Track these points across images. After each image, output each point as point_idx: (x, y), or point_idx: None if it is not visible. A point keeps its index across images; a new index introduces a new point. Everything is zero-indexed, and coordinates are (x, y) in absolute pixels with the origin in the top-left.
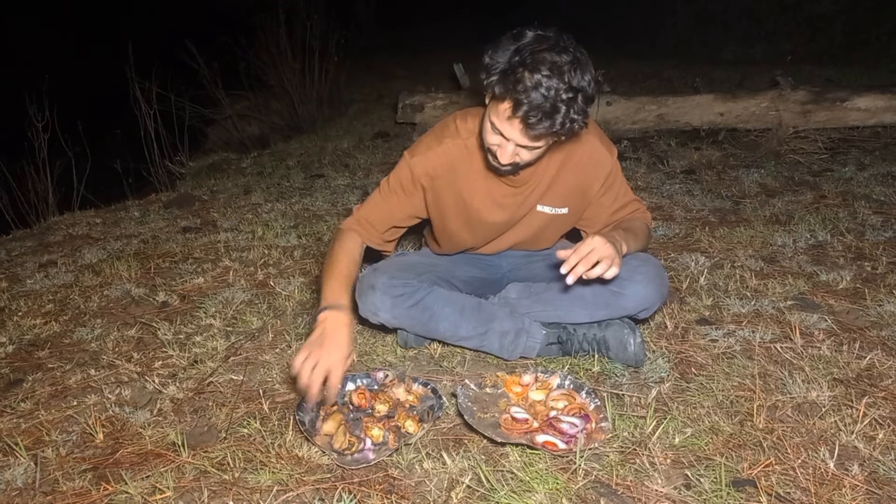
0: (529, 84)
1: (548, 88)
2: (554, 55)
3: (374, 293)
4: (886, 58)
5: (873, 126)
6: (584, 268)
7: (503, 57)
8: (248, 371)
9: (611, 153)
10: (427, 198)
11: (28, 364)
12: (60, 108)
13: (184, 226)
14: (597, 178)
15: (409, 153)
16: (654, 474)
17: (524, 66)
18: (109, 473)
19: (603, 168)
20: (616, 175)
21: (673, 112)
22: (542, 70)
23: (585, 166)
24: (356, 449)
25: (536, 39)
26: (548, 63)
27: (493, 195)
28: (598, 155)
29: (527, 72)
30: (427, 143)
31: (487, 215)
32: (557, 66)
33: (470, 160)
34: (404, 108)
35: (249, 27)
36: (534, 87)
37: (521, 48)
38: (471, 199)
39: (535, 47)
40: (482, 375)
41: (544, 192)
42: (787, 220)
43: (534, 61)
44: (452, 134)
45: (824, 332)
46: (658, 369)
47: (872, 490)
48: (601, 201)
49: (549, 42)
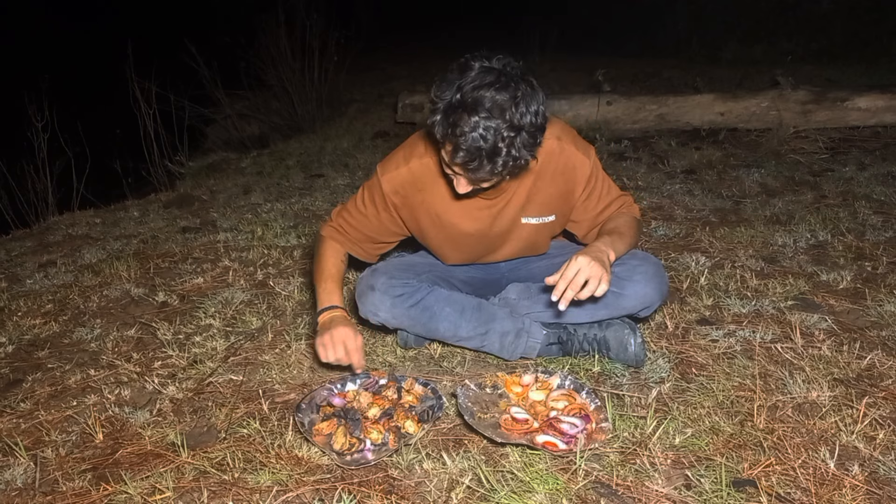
0: (467, 129)
1: (486, 129)
2: (494, 93)
3: (374, 293)
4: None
5: (874, 126)
6: (573, 292)
7: (447, 94)
8: (248, 371)
9: (587, 156)
10: (402, 215)
11: (28, 364)
12: (60, 108)
13: (183, 226)
14: (577, 184)
15: (381, 168)
16: (655, 474)
17: (463, 108)
18: (109, 473)
19: (581, 172)
20: (596, 176)
21: (673, 112)
22: (481, 112)
23: (563, 173)
24: (356, 449)
25: (479, 74)
26: (487, 102)
27: (467, 208)
28: (574, 160)
29: (465, 114)
30: (396, 162)
31: (464, 227)
32: (498, 104)
33: (437, 178)
34: (404, 108)
35: (249, 27)
36: (472, 130)
37: (462, 85)
38: (445, 215)
39: (476, 84)
40: (482, 376)
41: (524, 205)
42: (787, 220)
43: (473, 101)
44: (420, 153)
45: (825, 332)
46: (658, 369)
47: (872, 490)
48: (585, 205)
49: (492, 76)
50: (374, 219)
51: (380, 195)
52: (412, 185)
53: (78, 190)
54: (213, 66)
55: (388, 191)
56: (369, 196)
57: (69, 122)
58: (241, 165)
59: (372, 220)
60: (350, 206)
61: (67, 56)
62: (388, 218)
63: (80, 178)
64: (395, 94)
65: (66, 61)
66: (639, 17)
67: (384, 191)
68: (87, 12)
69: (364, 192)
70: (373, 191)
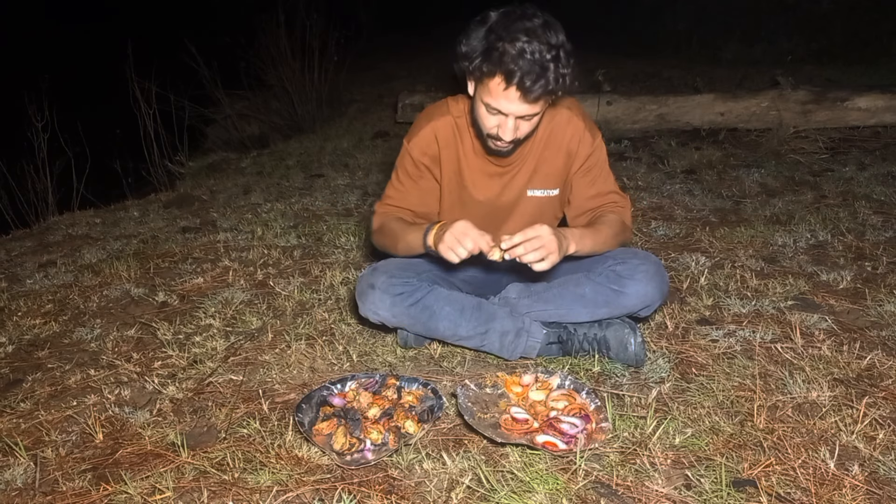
0: (514, 52)
1: (532, 52)
2: (525, 22)
3: (374, 292)
4: (886, 58)
5: (874, 126)
6: (522, 251)
7: (478, 40)
8: (248, 371)
9: (594, 136)
10: (435, 174)
11: (28, 364)
12: (60, 107)
13: (183, 226)
14: (577, 157)
15: (407, 139)
16: (655, 474)
17: (502, 40)
18: (109, 474)
19: (584, 146)
20: (597, 160)
21: (673, 112)
22: (521, 38)
23: (569, 144)
24: (356, 449)
25: (503, 15)
26: (523, 30)
27: (484, 171)
28: (580, 134)
29: (507, 44)
30: (419, 125)
31: (476, 192)
32: (532, 30)
33: (461, 136)
34: (404, 107)
35: (249, 27)
36: (519, 55)
37: (492, 27)
38: (465, 173)
39: (505, 21)
40: (482, 375)
41: (531, 175)
42: (787, 220)
43: (509, 32)
44: (443, 112)
45: (825, 332)
46: (658, 369)
47: (873, 490)
48: (579, 182)
49: (516, 14)
50: (416, 190)
51: (411, 164)
52: (437, 141)
53: (78, 190)
54: (213, 66)
55: (416, 155)
56: (403, 171)
57: (69, 122)
58: (241, 165)
59: (414, 192)
60: (389, 191)
61: (67, 56)
62: (427, 184)
63: (80, 178)
64: (395, 94)
65: (66, 61)
66: (639, 16)
67: (414, 157)
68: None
69: (398, 172)
70: (405, 163)
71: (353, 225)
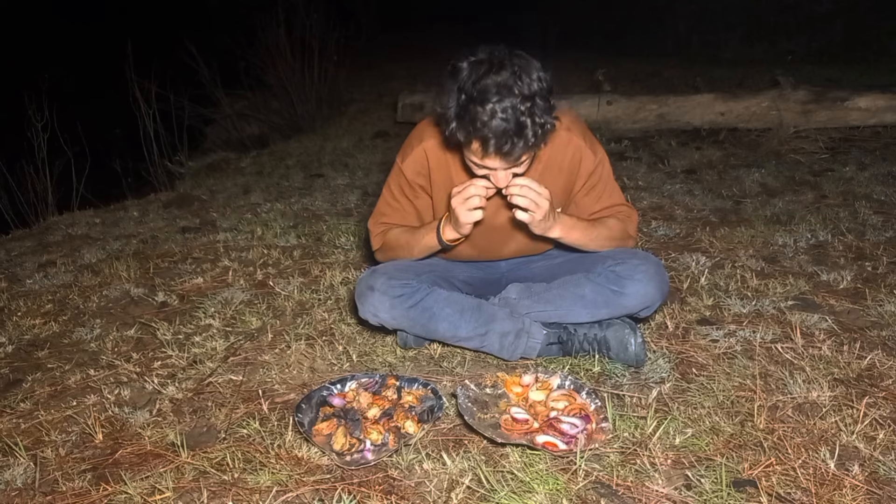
0: (486, 117)
1: (503, 110)
2: (494, 76)
3: (374, 294)
4: (886, 58)
5: (874, 126)
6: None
7: (451, 101)
8: (248, 371)
9: (594, 152)
10: (428, 192)
11: (27, 364)
12: (60, 108)
13: (183, 226)
14: (579, 177)
15: (400, 157)
16: (655, 475)
17: (473, 101)
18: (109, 474)
19: (586, 163)
20: (601, 176)
21: (674, 111)
22: (491, 98)
23: (569, 166)
24: (356, 450)
25: (472, 68)
26: (494, 86)
27: None
28: (581, 152)
29: (478, 106)
30: (411, 144)
31: None
32: (503, 84)
33: (453, 156)
34: (404, 107)
35: (249, 27)
36: (490, 117)
37: (462, 86)
38: None
39: (474, 78)
40: (482, 376)
41: None
42: (787, 220)
43: (480, 92)
44: (431, 134)
45: (825, 332)
46: (659, 369)
47: (873, 490)
48: (583, 202)
49: (484, 65)
50: (410, 207)
51: (406, 184)
52: (428, 162)
53: (78, 190)
54: (212, 66)
55: (411, 176)
56: (398, 189)
57: (69, 122)
58: (240, 165)
59: (410, 209)
60: (383, 208)
61: (67, 55)
62: (422, 202)
63: (80, 178)
64: (395, 94)
65: (66, 60)
66: (639, 16)
67: (408, 178)
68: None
69: (391, 189)
70: (399, 181)
71: (353, 225)
